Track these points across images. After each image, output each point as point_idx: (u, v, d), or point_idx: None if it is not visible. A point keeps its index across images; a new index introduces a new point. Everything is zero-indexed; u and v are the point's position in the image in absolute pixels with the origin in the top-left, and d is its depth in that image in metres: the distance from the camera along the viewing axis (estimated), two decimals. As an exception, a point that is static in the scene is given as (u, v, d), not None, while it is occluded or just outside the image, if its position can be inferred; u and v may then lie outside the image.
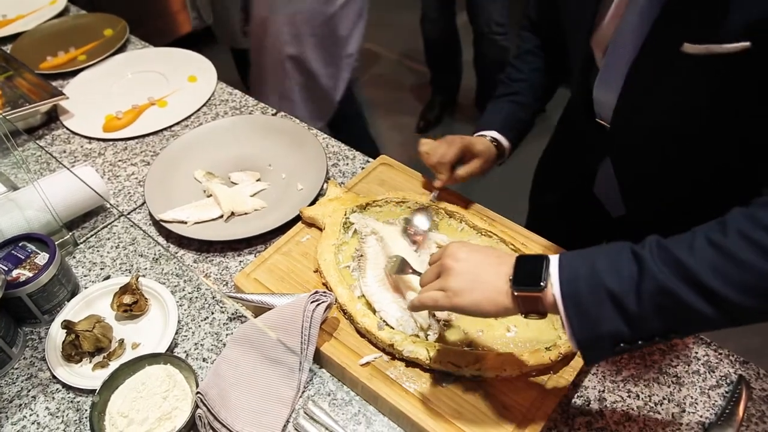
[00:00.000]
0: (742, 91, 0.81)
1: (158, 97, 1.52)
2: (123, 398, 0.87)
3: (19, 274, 0.98)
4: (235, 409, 0.87)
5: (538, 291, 0.69)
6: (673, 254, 0.64)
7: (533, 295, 0.70)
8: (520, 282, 0.71)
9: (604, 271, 0.66)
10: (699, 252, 0.63)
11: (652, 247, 0.66)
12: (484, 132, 1.14)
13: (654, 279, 0.64)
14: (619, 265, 0.66)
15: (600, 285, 0.66)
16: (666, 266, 0.64)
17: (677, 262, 0.64)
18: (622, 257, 0.67)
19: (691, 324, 0.67)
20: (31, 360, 0.98)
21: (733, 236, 0.63)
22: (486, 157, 1.10)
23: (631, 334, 0.66)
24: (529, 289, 0.70)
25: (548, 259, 0.71)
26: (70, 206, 1.16)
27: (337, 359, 0.90)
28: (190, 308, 1.04)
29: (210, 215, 1.18)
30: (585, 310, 0.67)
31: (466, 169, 1.09)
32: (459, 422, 0.83)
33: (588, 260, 0.69)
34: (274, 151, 1.33)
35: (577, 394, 0.90)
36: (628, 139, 0.98)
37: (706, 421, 0.87)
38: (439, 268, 0.78)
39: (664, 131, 0.92)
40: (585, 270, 0.68)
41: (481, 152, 1.09)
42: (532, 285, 0.70)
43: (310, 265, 1.05)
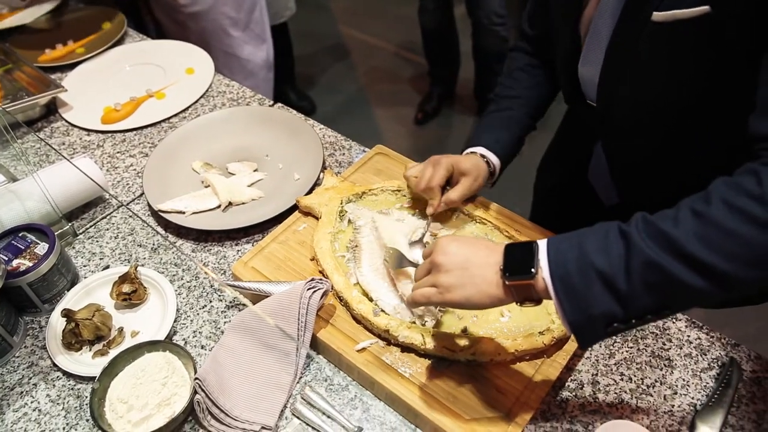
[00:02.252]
0: (712, 58, 0.80)
1: (156, 89, 1.53)
2: (123, 385, 0.88)
3: (19, 263, 0.99)
4: (233, 395, 0.89)
5: (529, 278, 0.69)
6: (658, 227, 0.64)
7: (525, 283, 0.70)
8: (511, 271, 0.71)
9: (593, 252, 0.66)
10: (683, 223, 0.63)
11: (638, 223, 0.66)
12: (473, 149, 1.09)
13: (641, 254, 0.64)
14: (606, 245, 0.66)
15: (589, 266, 0.66)
16: (652, 240, 0.64)
17: (663, 234, 0.63)
18: (610, 236, 0.67)
19: (682, 297, 0.66)
20: (32, 348, 0.99)
21: (717, 204, 0.63)
22: (475, 175, 1.05)
23: (623, 313, 0.66)
24: (520, 278, 0.70)
25: (537, 245, 0.71)
26: (69, 197, 1.17)
27: (333, 345, 0.92)
28: (188, 297, 1.05)
29: (208, 205, 1.19)
30: (576, 293, 0.67)
31: (456, 191, 1.04)
32: (454, 406, 0.84)
33: (576, 242, 0.69)
34: (271, 141, 1.34)
35: (571, 378, 0.91)
36: (613, 117, 0.97)
37: (698, 403, 0.88)
38: (430, 264, 0.78)
39: (646, 106, 0.92)
40: (573, 252, 0.68)
41: (468, 170, 1.04)
42: (523, 273, 0.69)
43: (306, 253, 1.06)
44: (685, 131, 0.91)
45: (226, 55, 2.00)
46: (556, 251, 0.69)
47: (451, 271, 0.74)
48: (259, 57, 2.09)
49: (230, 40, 1.98)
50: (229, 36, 1.98)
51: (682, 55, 0.82)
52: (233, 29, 1.97)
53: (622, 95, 0.93)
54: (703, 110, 0.88)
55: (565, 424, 0.86)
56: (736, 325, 2.14)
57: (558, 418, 0.87)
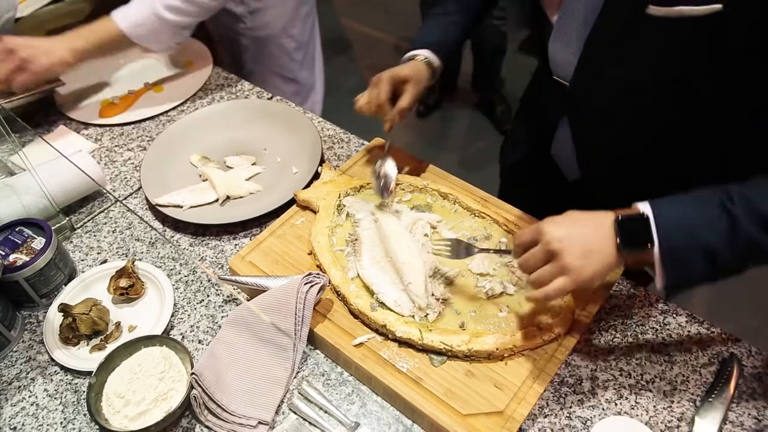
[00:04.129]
0: (710, 55, 0.80)
1: (154, 83, 1.52)
2: (120, 379, 0.88)
3: (16, 258, 0.99)
4: (230, 390, 0.89)
5: (647, 250, 0.75)
6: (760, 210, 0.72)
7: (642, 254, 0.76)
8: (629, 244, 0.76)
9: (699, 227, 0.74)
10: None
11: (740, 201, 0.73)
12: (416, 52, 1.11)
13: (745, 233, 0.72)
14: (712, 220, 0.73)
15: (696, 241, 0.74)
16: (753, 222, 0.72)
17: (764, 217, 0.72)
18: (714, 211, 0.74)
19: (760, 262, 0.76)
20: (29, 343, 0.99)
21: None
22: (416, 79, 1.08)
23: (714, 276, 0.76)
24: (638, 250, 0.76)
25: (647, 217, 0.76)
26: (66, 192, 1.16)
27: (330, 340, 0.91)
28: (185, 291, 1.04)
29: (205, 199, 1.18)
30: (680, 263, 0.75)
31: (404, 99, 1.07)
32: (451, 401, 0.83)
33: (682, 214, 0.75)
34: (269, 134, 1.33)
35: (569, 373, 0.91)
36: (586, 99, 0.98)
37: (697, 399, 0.87)
38: (546, 254, 0.79)
39: (625, 95, 0.92)
40: (681, 227, 0.74)
41: (409, 75, 1.07)
42: (641, 245, 0.76)
43: (304, 247, 1.05)
44: (657, 118, 0.92)
45: (284, 81, 1.87)
46: (665, 226, 0.75)
47: (575, 252, 0.77)
48: (312, 80, 1.97)
49: (293, 64, 1.84)
50: (293, 60, 1.84)
51: (676, 51, 0.82)
52: (297, 53, 1.83)
53: (601, 83, 0.93)
54: (683, 103, 0.88)
55: (564, 420, 0.86)
56: (737, 320, 2.14)
57: (556, 414, 0.86)
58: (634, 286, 1.01)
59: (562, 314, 0.90)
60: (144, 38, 1.34)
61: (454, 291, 0.96)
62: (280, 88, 1.85)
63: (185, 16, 1.33)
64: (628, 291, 1.01)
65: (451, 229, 1.05)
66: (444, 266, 0.99)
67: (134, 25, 1.32)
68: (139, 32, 1.32)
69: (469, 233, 1.04)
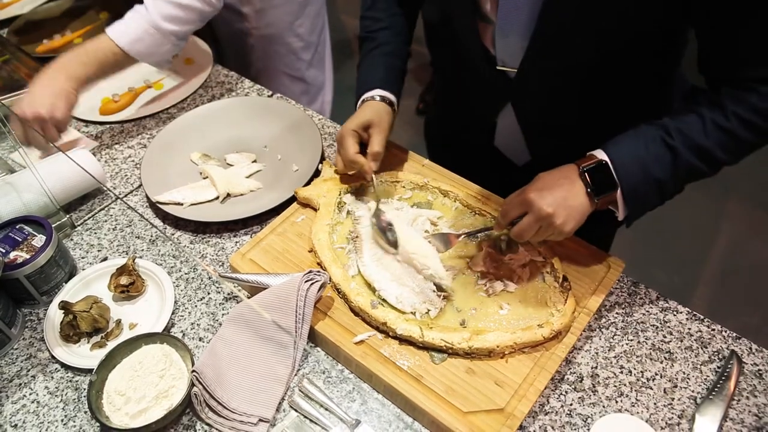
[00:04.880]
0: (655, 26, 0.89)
1: (154, 80, 1.52)
2: (120, 377, 0.88)
3: (16, 256, 0.99)
4: (230, 388, 0.89)
5: (613, 193, 0.88)
6: (695, 141, 0.85)
7: (610, 196, 0.88)
8: (599, 191, 0.88)
9: (650, 164, 0.86)
10: (711, 135, 0.85)
11: (678, 136, 0.85)
12: (369, 93, 1.11)
13: (685, 163, 0.86)
14: (657, 156, 0.86)
15: (650, 176, 0.86)
16: (690, 150, 0.85)
17: (699, 147, 0.85)
18: (658, 148, 0.86)
19: (695, 179, 0.90)
20: (30, 340, 0.99)
21: (733, 119, 0.84)
22: (378, 120, 1.07)
23: (662, 201, 0.90)
24: (606, 195, 0.88)
25: (606, 163, 0.87)
26: (67, 189, 1.16)
27: (331, 338, 0.91)
28: (186, 289, 1.04)
29: (206, 197, 1.18)
30: (638, 198, 0.88)
31: (373, 144, 1.06)
32: (452, 399, 0.83)
33: (634, 155, 0.87)
34: (269, 132, 1.33)
35: (570, 371, 0.91)
36: (532, 85, 1.01)
37: (698, 396, 0.87)
38: (538, 222, 0.88)
39: (572, 67, 0.96)
40: (636, 167, 0.86)
41: (371, 120, 1.07)
42: (610, 190, 0.88)
43: (304, 245, 1.05)
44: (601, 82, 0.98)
45: (291, 80, 1.87)
46: (623, 169, 0.87)
47: (559, 213, 0.87)
48: (321, 80, 1.96)
49: (300, 63, 1.84)
50: (300, 60, 1.84)
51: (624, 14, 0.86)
52: (305, 52, 1.83)
53: (551, 64, 0.96)
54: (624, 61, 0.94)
55: (564, 418, 0.86)
56: (737, 317, 2.14)
57: (557, 412, 0.86)
58: (634, 284, 1.01)
59: (563, 312, 0.90)
60: (144, 54, 1.29)
61: (455, 288, 0.96)
62: (287, 86, 1.85)
63: (183, 25, 1.30)
64: (628, 288, 1.01)
65: (452, 227, 1.05)
66: (445, 264, 0.99)
67: (134, 41, 1.27)
68: (139, 48, 1.28)
69: (470, 230, 1.04)
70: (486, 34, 0.98)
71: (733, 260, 2.35)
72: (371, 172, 1.07)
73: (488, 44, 0.99)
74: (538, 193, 0.88)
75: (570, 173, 0.89)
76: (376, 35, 1.15)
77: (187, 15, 1.29)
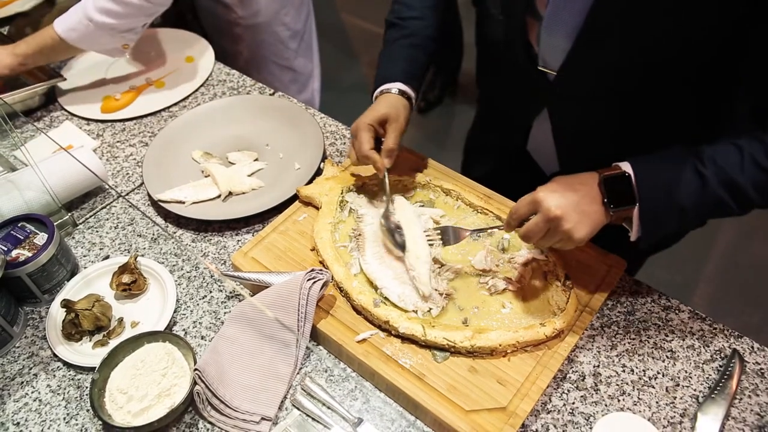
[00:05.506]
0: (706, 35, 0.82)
1: (156, 78, 1.51)
2: (122, 375, 0.88)
3: (18, 254, 0.99)
4: (233, 386, 0.89)
5: (632, 207, 0.83)
6: (729, 175, 0.80)
7: (627, 210, 0.83)
8: (616, 203, 0.83)
9: (675, 187, 0.81)
10: (747, 172, 0.79)
11: (711, 166, 0.80)
12: (388, 85, 1.07)
13: (713, 195, 0.81)
14: (686, 181, 0.81)
15: (672, 200, 0.82)
16: (722, 185, 0.80)
17: (731, 181, 0.80)
18: (687, 173, 0.81)
19: (718, 217, 0.87)
20: (32, 339, 0.99)
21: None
22: (395, 115, 1.04)
23: (681, 229, 0.90)
24: (624, 208, 0.83)
25: (629, 176, 0.83)
26: (68, 187, 1.16)
27: (333, 336, 0.91)
28: (188, 287, 1.04)
29: (208, 195, 1.18)
30: (656, 220, 0.83)
31: (389, 139, 1.03)
32: (454, 397, 0.83)
33: (660, 174, 0.83)
34: (271, 130, 1.33)
35: (572, 369, 0.91)
36: (572, 89, 0.97)
37: (700, 395, 0.87)
38: (547, 223, 0.83)
39: (614, 80, 0.92)
40: (660, 187, 0.82)
41: (387, 114, 1.04)
42: (628, 204, 0.83)
43: (306, 243, 1.05)
44: (639, 97, 0.94)
45: (280, 69, 1.87)
46: (646, 185, 0.82)
47: (569, 217, 0.82)
48: (310, 68, 1.97)
49: (288, 53, 1.85)
50: (287, 48, 1.84)
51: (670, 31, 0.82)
52: (292, 41, 1.84)
53: (593, 67, 0.92)
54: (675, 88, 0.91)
55: (566, 416, 0.86)
56: (738, 316, 2.14)
57: (559, 410, 0.86)
58: (636, 283, 1.01)
59: (565, 310, 0.90)
60: (80, 41, 1.32)
61: (458, 287, 0.96)
62: (276, 76, 1.86)
63: (119, 19, 1.29)
64: (630, 287, 1.01)
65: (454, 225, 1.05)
66: (447, 262, 0.99)
67: (69, 29, 1.30)
68: (73, 36, 1.31)
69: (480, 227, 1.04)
70: (533, 31, 0.95)
71: (733, 259, 2.35)
72: (384, 169, 1.04)
73: (533, 41, 0.96)
74: (549, 194, 0.83)
75: (588, 179, 0.85)
76: (406, 23, 1.11)
77: (124, 9, 1.28)
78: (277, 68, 1.86)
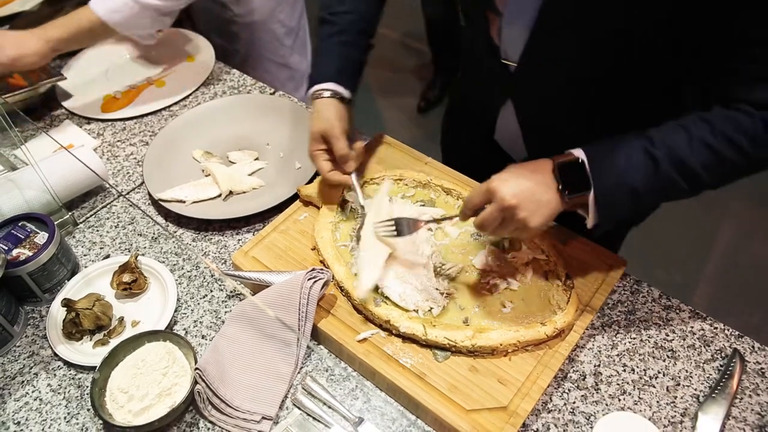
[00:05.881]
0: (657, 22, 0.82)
1: (156, 77, 1.51)
2: (123, 375, 0.88)
3: (19, 253, 0.99)
4: (233, 385, 0.89)
5: (587, 193, 0.83)
6: (679, 156, 0.80)
7: (582, 197, 0.84)
8: (571, 190, 0.83)
9: (627, 171, 0.82)
10: (696, 152, 0.80)
11: (662, 148, 0.81)
12: (320, 86, 1.07)
13: (665, 176, 0.81)
14: (637, 164, 0.81)
15: (624, 182, 0.82)
16: (672, 165, 0.81)
17: (681, 162, 0.80)
18: (639, 156, 0.82)
19: (672, 199, 0.87)
20: (32, 338, 0.99)
21: (720, 138, 0.79)
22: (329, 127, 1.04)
23: (635, 212, 0.85)
24: (579, 194, 0.84)
25: (583, 162, 0.83)
26: (69, 186, 1.16)
27: (334, 335, 0.91)
28: (189, 286, 1.04)
29: (208, 194, 1.18)
30: (610, 203, 0.84)
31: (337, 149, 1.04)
32: (455, 397, 0.83)
33: (612, 159, 0.83)
34: (271, 130, 1.33)
35: (573, 369, 0.91)
36: (532, 79, 0.99)
37: (701, 394, 0.87)
38: (501, 212, 0.83)
39: (572, 69, 0.94)
40: (613, 172, 0.82)
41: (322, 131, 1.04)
42: (582, 190, 0.83)
43: (307, 243, 1.05)
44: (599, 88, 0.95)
45: (277, 67, 1.88)
46: (599, 170, 0.83)
47: (524, 206, 0.82)
48: (305, 65, 1.96)
49: (284, 50, 1.84)
50: (283, 46, 1.83)
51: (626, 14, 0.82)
52: (287, 38, 1.83)
53: (551, 58, 0.93)
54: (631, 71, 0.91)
55: (567, 416, 0.86)
56: (738, 316, 2.14)
57: (560, 410, 0.86)
58: (637, 282, 1.01)
59: (566, 310, 0.90)
60: (122, 24, 1.31)
61: (458, 286, 0.96)
62: (273, 73, 1.86)
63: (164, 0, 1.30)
64: (631, 287, 1.01)
65: (454, 225, 1.05)
66: (448, 262, 0.99)
67: (111, 10, 1.29)
68: (116, 18, 1.29)
69: (473, 229, 1.04)
70: (494, 25, 0.97)
71: (733, 259, 2.35)
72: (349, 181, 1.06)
73: (494, 35, 0.98)
74: (503, 183, 0.83)
75: (542, 167, 0.85)
76: (337, 19, 1.10)
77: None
78: (273, 66, 1.87)
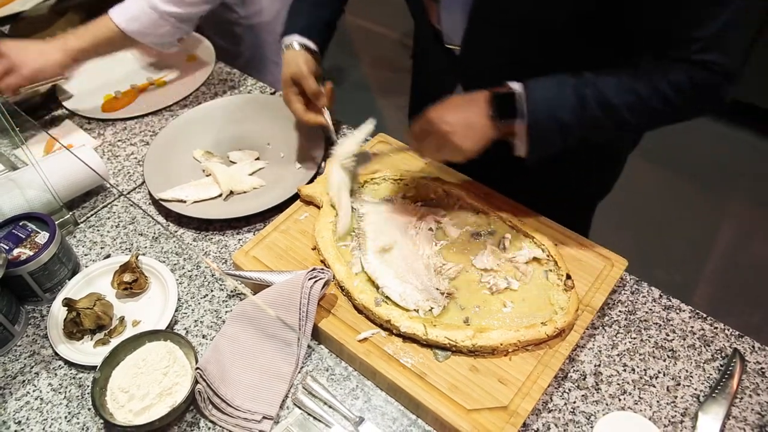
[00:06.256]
0: None
1: (157, 77, 1.52)
2: (124, 374, 0.88)
3: (20, 252, 0.99)
4: (234, 385, 0.89)
5: (515, 122, 0.89)
6: (605, 96, 0.86)
7: (511, 126, 0.89)
8: (501, 117, 0.89)
9: (558, 106, 0.87)
10: (622, 95, 0.86)
11: (591, 87, 0.86)
12: (290, 37, 1.16)
13: (591, 114, 0.87)
14: (567, 100, 0.87)
15: (555, 116, 0.87)
16: (598, 103, 0.86)
17: (607, 102, 0.86)
18: (569, 91, 0.87)
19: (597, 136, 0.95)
20: (33, 337, 0.99)
21: (647, 85, 0.85)
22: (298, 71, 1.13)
23: (563, 146, 0.90)
24: (510, 122, 0.89)
25: (517, 95, 0.87)
26: (69, 186, 1.16)
27: (335, 335, 0.91)
28: (189, 286, 1.04)
29: (209, 194, 1.18)
30: (541, 135, 0.89)
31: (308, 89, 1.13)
32: (455, 396, 0.84)
33: (546, 94, 0.88)
34: (272, 129, 1.33)
35: (573, 368, 0.91)
36: (476, 62, 1.03)
37: (701, 394, 0.87)
38: (438, 139, 0.91)
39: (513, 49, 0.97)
40: (544, 105, 0.87)
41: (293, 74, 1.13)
42: (511, 117, 0.89)
43: (308, 242, 1.05)
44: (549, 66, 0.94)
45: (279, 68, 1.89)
46: (531, 101, 0.87)
47: (457, 131, 0.90)
48: None
49: None
50: None
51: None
52: None
53: (491, 42, 0.97)
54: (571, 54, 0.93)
55: (567, 415, 0.86)
56: (738, 316, 2.14)
57: (560, 409, 0.87)
58: (637, 282, 1.02)
59: (566, 310, 0.90)
60: (141, 34, 1.30)
61: (459, 286, 0.96)
62: (276, 76, 1.84)
63: (183, 7, 1.29)
64: (631, 287, 1.01)
65: (455, 225, 1.05)
66: (448, 262, 0.99)
67: (130, 19, 1.28)
68: (135, 27, 1.29)
69: (473, 228, 1.04)
70: (433, 12, 1.01)
71: (733, 259, 2.35)
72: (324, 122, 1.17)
73: (435, 22, 1.02)
74: (438, 110, 0.92)
75: (478, 97, 0.91)
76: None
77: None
78: (276, 68, 1.84)
